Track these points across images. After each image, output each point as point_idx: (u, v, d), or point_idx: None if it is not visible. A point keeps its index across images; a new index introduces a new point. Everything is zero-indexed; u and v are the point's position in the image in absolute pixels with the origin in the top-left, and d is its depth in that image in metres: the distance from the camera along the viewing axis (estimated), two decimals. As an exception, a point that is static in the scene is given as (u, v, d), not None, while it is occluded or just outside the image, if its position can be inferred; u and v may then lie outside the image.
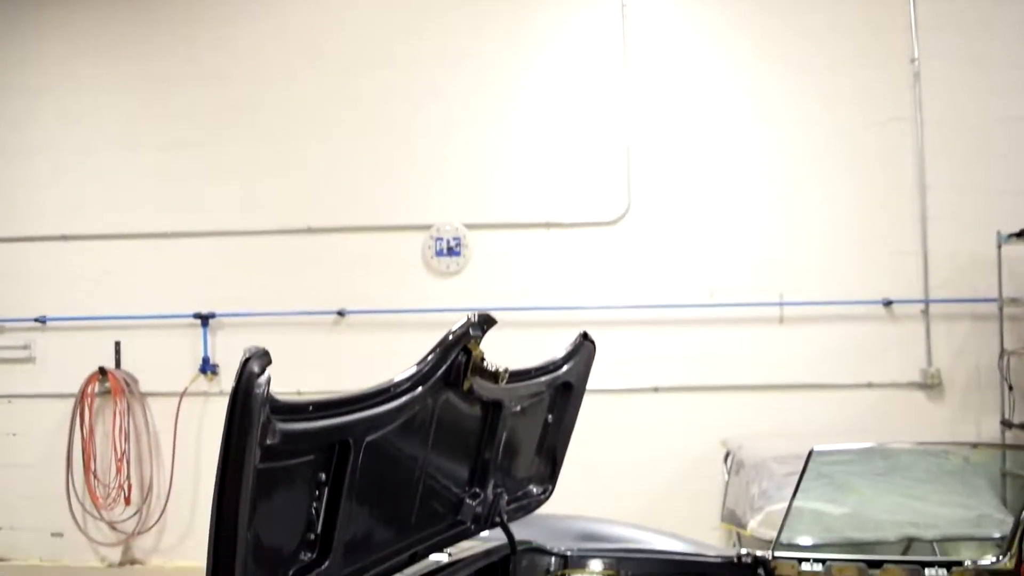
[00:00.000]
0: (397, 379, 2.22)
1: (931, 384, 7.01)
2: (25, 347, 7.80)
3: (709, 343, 7.14)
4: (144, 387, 7.66)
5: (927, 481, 4.74)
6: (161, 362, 7.58)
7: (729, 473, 6.18)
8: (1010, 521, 3.81)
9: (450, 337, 2.34)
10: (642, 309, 7.16)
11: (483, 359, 2.42)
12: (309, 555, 2.07)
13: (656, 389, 7.16)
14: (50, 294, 7.75)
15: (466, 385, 2.41)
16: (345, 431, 2.02)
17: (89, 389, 7.61)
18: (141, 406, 7.64)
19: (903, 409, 6.95)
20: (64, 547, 7.67)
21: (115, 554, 7.65)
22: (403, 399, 2.20)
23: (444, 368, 2.33)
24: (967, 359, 7.04)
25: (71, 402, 7.60)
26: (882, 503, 4.74)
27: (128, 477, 7.57)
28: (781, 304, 7.10)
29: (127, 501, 7.58)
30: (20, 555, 7.74)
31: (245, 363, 1.67)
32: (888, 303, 7.06)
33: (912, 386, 7.05)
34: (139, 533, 7.59)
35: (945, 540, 4.48)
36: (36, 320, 7.73)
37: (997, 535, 4.18)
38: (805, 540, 3.89)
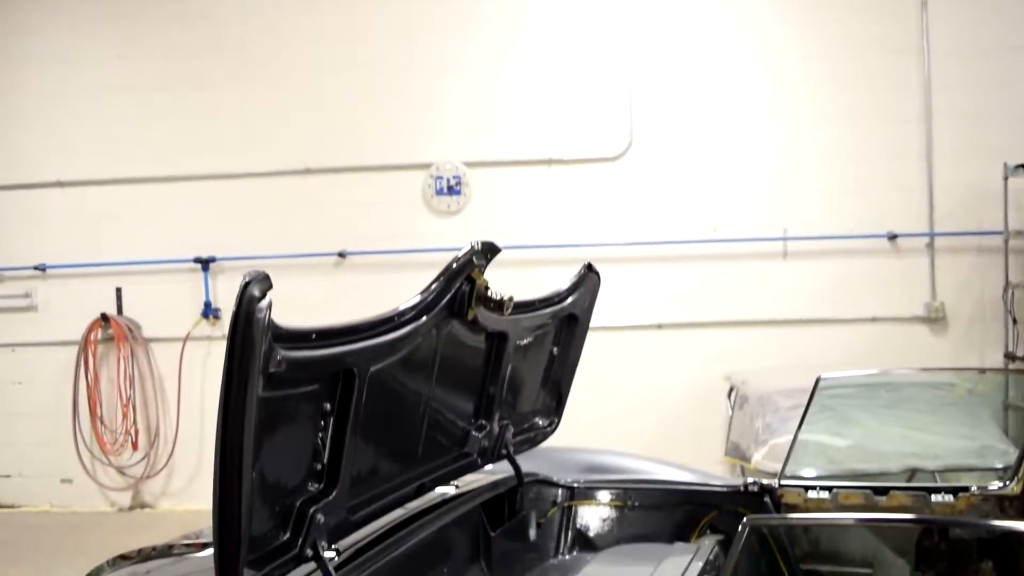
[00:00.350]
0: (401, 308, 2.18)
1: (935, 318, 7.00)
2: (26, 295, 7.78)
3: (713, 279, 7.11)
4: (147, 333, 7.66)
5: (930, 413, 4.74)
6: (163, 307, 7.57)
7: (733, 408, 6.19)
8: (1012, 452, 3.81)
9: (454, 265, 2.29)
10: (645, 246, 7.11)
11: (487, 288, 2.38)
12: (316, 485, 2.05)
13: (659, 326, 7.15)
14: (48, 241, 7.71)
15: (470, 314, 2.37)
16: (349, 360, 1.99)
17: (92, 336, 7.61)
18: (145, 352, 7.65)
19: (907, 343, 6.94)
20: (74, 493, 7.75)
21: (125, 498, 7.74)
22: (407, 328, 2.17)
23: (448, 297, 2.29)
24: (972, 292, 7.01)
25: (75, 349, 7.62)
26: (886, 435, 4.74)
27: (135, 422, 7.61)
28: (785, 239, 7.05)
29: (134, 446, 7.63)
30: (31, 502, 7.82)
31: (245, 287, 1.62)
32: (892, 237, 7.00)
33: (916, 320, 7.03)
34: (148, 477, 7.65)
35: (948, 470, 4.48)
36: (36, 268, 7.70)
37: (999, 465, 4.18)
38: (809, 472, 3.90)
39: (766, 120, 7.11)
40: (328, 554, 2.09)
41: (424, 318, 2.23)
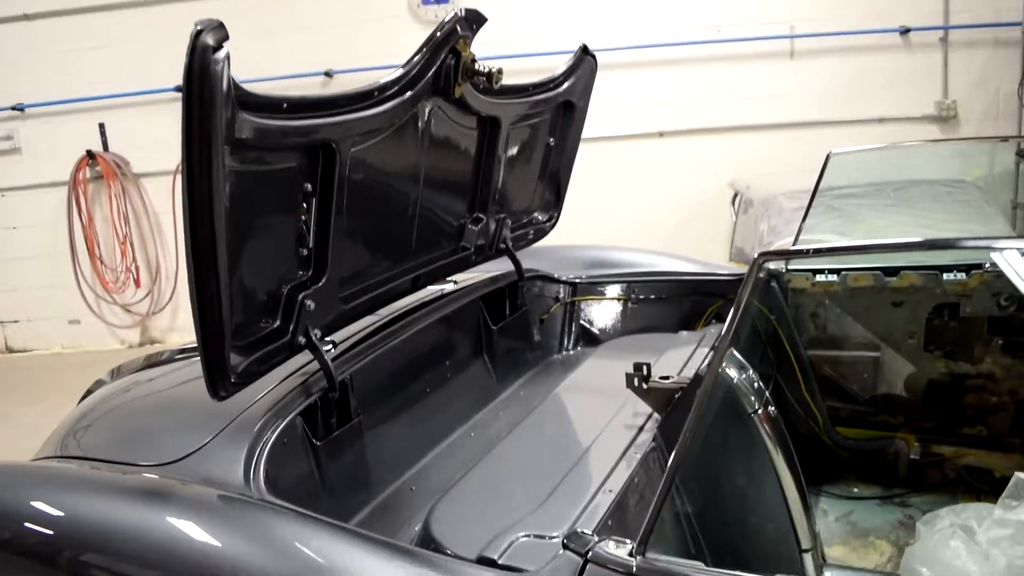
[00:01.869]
0: (382, 82, 2.02)
1: (946, 117, 6.76)
2: (8, 137, 7.54)
3: (716, 83, 6.82)
4: (136, 168, 7.47)
5: (937, 211, 4.65)
6: (150, 141, 7.30)
7: (737, 213, 6.10)
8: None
9: (437, 34, 2.11)
10: (645, 49, 6.76)
11: (474, 61, 2.20)
12: (304, 272, 1.97)
13: (661, 133, 6.94)
14: (23, 80, 7.37)
15: (457, 92, 2.21)
16: (326, 133, 1.84)
17: (80, 175, 7.43)
18: (136, 188, 7.49)
19: (916, 144, 6.76)
20: (83, 333, 7.81)
21: (134, 335, 7.80)
22: (389, 104, 2.02)
23: (433, 71, 2.12)
24: (985, 88, 6.73)
25: (65, 190, 7.45)
26: (892, 233, 4.67)
27: (134, 260, 7.56)
28: (791, 37, 6.70)
29: (137, 283, 7.62)
30: (42, 345, 7.90)
31: (196, 36, 1.45)
32: (905, 31, 6.66)
33: (926, 119, 6.80)
34: (154, 313, 7.68)
35: (956, 265, 4.43)
36: (14, 108, 7.41)
37: (1008, 261, 4.13)
38: (814, 270, 3.84)
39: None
40: (325, 347, 2.04)
41: (407, 93, 2.07)
